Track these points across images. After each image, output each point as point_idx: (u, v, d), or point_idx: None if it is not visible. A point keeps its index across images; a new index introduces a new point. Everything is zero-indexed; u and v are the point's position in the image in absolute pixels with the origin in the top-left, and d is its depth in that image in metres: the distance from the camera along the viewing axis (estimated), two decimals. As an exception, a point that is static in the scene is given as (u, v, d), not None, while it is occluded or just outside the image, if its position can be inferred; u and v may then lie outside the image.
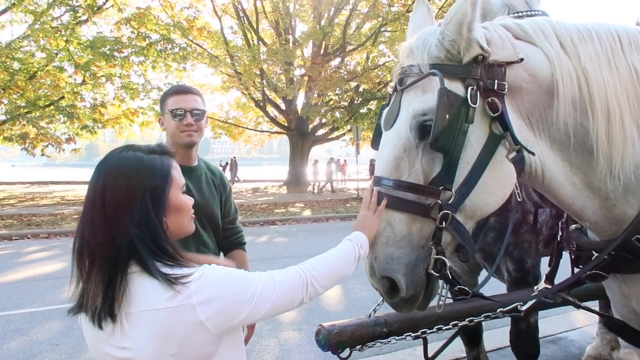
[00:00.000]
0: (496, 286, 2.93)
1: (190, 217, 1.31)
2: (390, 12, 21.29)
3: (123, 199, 1.17)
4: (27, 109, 18.38)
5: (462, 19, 1.36)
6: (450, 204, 1.37)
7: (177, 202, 1.26)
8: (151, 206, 1.19)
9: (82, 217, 1.22)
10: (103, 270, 1.15)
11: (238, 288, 1.19)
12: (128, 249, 1.15)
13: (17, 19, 20.52)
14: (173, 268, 1.17)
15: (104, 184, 1.19)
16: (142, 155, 1.24)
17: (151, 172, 1.22)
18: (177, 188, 1.26)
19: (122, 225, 1.15)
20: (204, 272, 1.17)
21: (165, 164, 1.26)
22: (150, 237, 1.18)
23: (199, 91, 2.32)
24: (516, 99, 1.46)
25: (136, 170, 1.21)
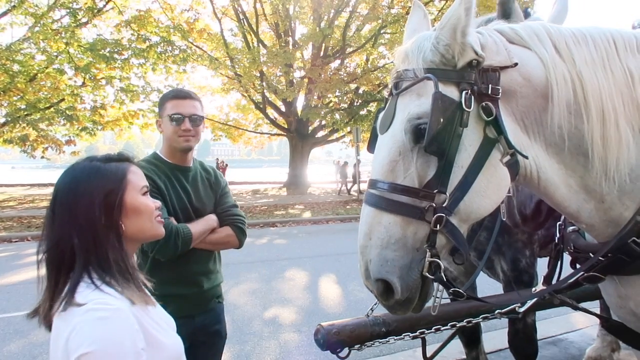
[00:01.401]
0: (498, 287, 2.95)
1: (153, 220, 1.31)
2: (390, 14, 21.35)
3: (71, 205, 1.21)
4: (27, 112, 18.40)
5: (456, 23, 1.38)
6: (444, 207, 1.38)
7: (134, 204, 1.27)
8: (103, 211, 1.20)
9: (42, 226, 1.28)
10: (51, 275, 1.19)
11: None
12: (69, 256, 1.18)
13: (18, 22, 20.54)
14: (100, 288, 1.15)
15: (56, 193, 1.25)
16: (98, 165, 1.28)
17: (104, 178, 1.25)
18: (134, 190, 1.28)
19: (67, 231, 1.19)
20: (82, 320, 1.09)
21: (120, 169, 1.29)
22: (94, 245, 1.19)
23: (198, 96, 2.35)
24: (511, 103, 1.48)
25: (87, 177, 1.24)
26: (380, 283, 1.42)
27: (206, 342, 2.27)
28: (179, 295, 2.16)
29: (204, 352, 2.28)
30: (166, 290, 2.13)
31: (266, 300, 6.19)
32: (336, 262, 8.24)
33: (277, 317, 5.52)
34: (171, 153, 2.27)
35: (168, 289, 2.14)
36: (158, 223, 1.33)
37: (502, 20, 1.72)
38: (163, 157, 2.27)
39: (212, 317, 2.30)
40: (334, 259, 8.55)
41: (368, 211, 1.46)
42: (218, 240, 2.26)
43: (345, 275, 7.30)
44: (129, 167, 1.31)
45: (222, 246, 2.32)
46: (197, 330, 2.22)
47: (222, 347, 2.38)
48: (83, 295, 1.13)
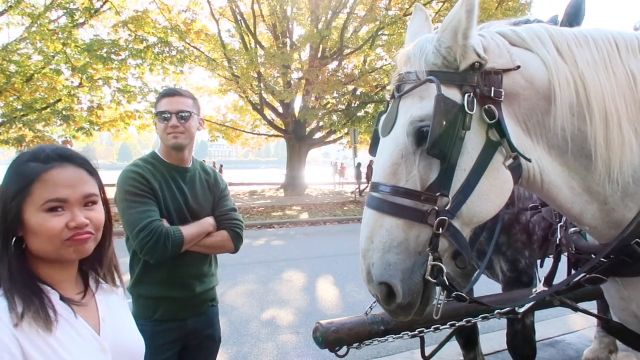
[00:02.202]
0: (493, 286, 2.96)
1: (57, 242, 1.09)
2: (388, 15, 21.37)
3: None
4: (24, 112, 18.34)
5: (457, 25, 1.38)
6: (447, 210, 1.38)
7: (30, 221, 1.08)
8: (1, 217, 1.09)
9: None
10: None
11: None
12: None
13: (14, 22, 20.47)
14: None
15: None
16: (17, 161, 1.14)
17: (11, 180, 1.10)
18: (34, 204, 1.08)
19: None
20: None
21: (30, 172, 1.09)
22: (2, 256, 1.08)
23: (190, 93, 2.31)
24: (513, 106, 1.48)
25: (7, 173, 1.12)
26: (382, 286, 1.41)
27: (199, 346, 2.26)
28: (170, 297, 2.14)
29: (197, 355, 2.26)
30: (157, 293, 2.13)
31: (263, 301, 6.18)
32: (334, 264, 8.25)
33: (274, 319, 5.52)
34: (167, 152, 2.24)
35: (159, 291, 2.13)
36: (67, 246, 1.10)
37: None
38: (160, 157, 2.25)
39: (204, 320, 2.27)
40: (332, 260, 8.55)
41: (370, 214, 1.45)
42: (213, 244, 2.22)
43: (342, 277, 7.30)
44: (42, 174, 1.09)
45: (217, 250, 2.28)
46: (189, 334, 2.20)
47: (215, 351, 2.35)
48: None
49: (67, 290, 1.16)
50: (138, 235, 1.99)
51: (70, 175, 1.12)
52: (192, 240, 2.11)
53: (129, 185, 2.09)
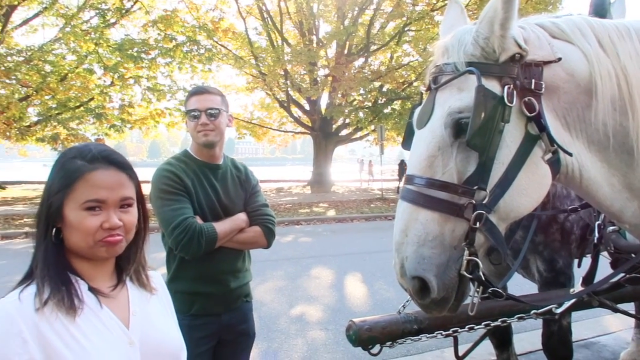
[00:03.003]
0: (526, 286, 2.90)
1: (91, 241, 1.12)
2: (415, 11, 21.15)
3: (45, 196, 1.16)
4: (58, 110, 18.92)
5: (493, 16, 1.36)
6: (484, 204, 1.35)
7: (70, 218, 1.12)
8: (45, 212, 1.14)
9: None
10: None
11: None
12: (36, 248, 1.16)
13: (49, 23, 21.14)
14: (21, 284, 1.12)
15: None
16: (63, 157, 1.18)
17: (56, 176, 1.15)
18: (75, 202, 1.12)
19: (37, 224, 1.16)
20: None
21: (76, 171, 1.13)
22: (38, 246, 1.15)
23: (218, 91, 2.33)
24: (553, 99, 1.44)
25: (54, 169, 1.17)
26: (416, 281, 1.39)
27: (233, 341, 2.28)
28: (205, 293, 2.16)
29: (231, 350, 2.29)
30: (193, 288, 2.17)
31: (292, 298, 6.21)
32: (361, 261, 8.22)
33: (303, 315, 5.54)
34: (198, 150, 2.27)
35: (195, 286, 2.16)
36: (99, 246, 1.13)
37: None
38: (192, 155, 2.28)
39: (239, 316, 2.29)
40: (359, 257, 8.53)
41: (405, 207, 1.43)
42: (246, 239, 2.24)
43: (371, 274, 7.28)
44: (86, 173, 1.13)
45: (250, 246, 2.30)
46: (223, 329, 2.22)
47: (250, 345, 2.37)
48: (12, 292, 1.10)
49: (100, 282, 1.19)
50: (173, 233, 2.03)
51: (112, 178, 1.16)
52: (225, 236, 2.14)
53: (163, 183, 2.12)
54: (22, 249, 9.67)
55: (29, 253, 1.14)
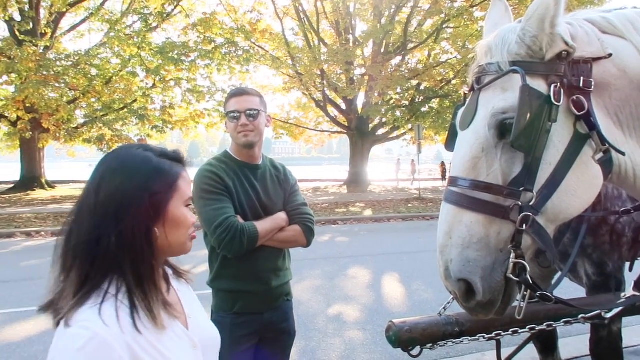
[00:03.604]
0: (571, 290, 2.80)
1: (189, 236, 1.16)
2: (453, 8, 20.78)
3: (117, 198, 1.05)
4: (103, 112, 19.66)
5: (544, 13, 1.32)
6: (531, 206, 1.32)
7: (177, 215, 1.12)
8: (145, 213, 1.07)
9: (74, 208, 1.10)
10: (82, 271, 1.04)
11: None
12: (108, 257, 1.03)
13: (95, 28, 21.98)
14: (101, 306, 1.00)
15: (102, 178, 1.08)
16: (150, 156, 1.13)
17: (155, 176, 1.10)
18: (180, 199, 1.13)
19: (109, 226, 1.03)
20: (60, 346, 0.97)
21: (174, 170, 1.14)
22: (130, 250, 1.05)
23: (257, 92, 2.36)
24: (603, 97, 1.40)
25: (138, 169, 1.09)
26: (461, 283, 1.37)
27: (274, 339, 2.31)
28: (247, 291, 2.20)
29: (272, 348, 2.32)
30: (235, 287, 2.21)
31: (330, 297, 6.23)
32: (399, 261, 8.16)
33: (341, 315, 5.55)
34: (238, 150, 2.30)
35: (237, 285, 2.20)
36: (190, 240, 1.18)
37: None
38: (232, 155, 2.31)
39: (280, 314, 2.32)
40: (397, 257, 8.46)
41: (448, 209, 1.41)
42: (286, 238, 2.27)
43: (408, 275, 7.21)
44: (181, 172, 1.16)
45: (290, 244, 2.33)
46: (265, 327, 2.25)
47: (290, 344, 2.40)
48: (80, 312, 0.99)
49: (162, 289, 1.18)
50: (215, 232, 2.07)
51: (190, 176, 1.21)
52: (266, 235, 2.17)
53: (204, 184, 2.17)
54: (70, 245, 10.10)
55: None
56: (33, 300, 6.01)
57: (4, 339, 4.83)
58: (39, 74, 16.64)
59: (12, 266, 8.07)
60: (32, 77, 16.37)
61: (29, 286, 6.68)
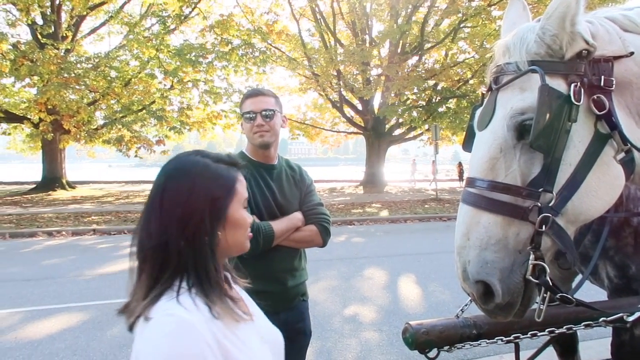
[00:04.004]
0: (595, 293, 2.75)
1: (247, 235, 1.23)
2: (470, 7, 20.59)
3: (182, 204, 1.10)
4: (123, 114, 19.96)
5: (565, 12, 1.30)
6: (550, 207, 1.31)
7: (236, 217, 1.17)
8: (208, 217, 1.11)
9: (141, 216, 1.15)
10: (152, 273, 1.09)
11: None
12: (177, 259, 1.08)
13: (114, 31, 22.34)
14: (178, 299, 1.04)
15: (166, 185, 1.13)
16: (209, 162, 1.18)
17: (215, 181, 1.15)
18: (238, 202, 1.18)
19: (176, 230, 1.08)
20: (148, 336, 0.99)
21: (231, 174, 1.19)
22: (197, 252, 1.10)
23: (272, 92, 2.36)
24: (625, 95, 1.37)
25: (200, 175, 1.14)
26: (479, 285, 1.36)
27: (290, 339, 2.30)
28: (263, 291, 2.19)
29: (288, 349, 2.31)
30: (252, 287, 2.21)
31: (346, 298, 6.22)
32: (415, 262, 8.11)
33: (357, 315, 5.54)
34: (254, 151, 2.31)
35: (253, 285, 2.20)
36: (247, 240, 1.24)
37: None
38: (248, 155, 2.32)
39: (296, 314, 2.32)
40: (413, 258, 8.41)
41: (466, 210, 1.40)
42: (302, 238, 2.27)
43: (425, 276, 7.16)
44: (237, 175, 1.21)
45: (306, 244, 2.32)
46: (281, 327, 2.24)
47: (306, 344, 2.40)
48: (158, 306, 1.03)
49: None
50: None
51: None
52: (282, 234, 2.17)
53: None
54: (90, 245, 10.27)
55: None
56: (54, 299, 6.14)
57: (26, 336, 4.93)
58: (60, 77, 16.95)
59: (34, 265, 8.23)
60: (54, 80, 16.70)
61: (50, 284, 6.81)
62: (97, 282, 7.01)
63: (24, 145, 24.76)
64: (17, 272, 7.60)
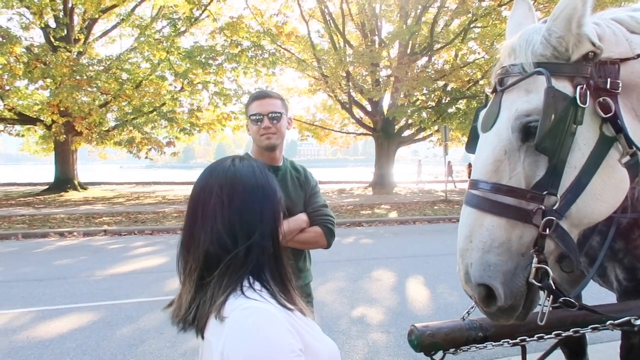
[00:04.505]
0: (605, 295, 2.73)
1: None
2: (480, 7, 20.47)
3: (262, 203, 1.14)
4: (134, 116, 20.14)
5: (571, 13, 1.29)
6: (554, 210, 1.30)
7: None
8: (271, 221, 1.15)
9: (203, 223, 1.12)
10: (229, 280, 1.07)
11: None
12: (255, 262, 1.10)
13: (125, 34, 22.54)
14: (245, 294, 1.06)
15: (233, 189, 1.13)
16: (255, 167, 1.21)
17: (270, 186, 1.19)
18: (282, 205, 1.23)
19: (243, 238, 1.10)
20: (231, 332, 1.00)
21: (273, 179, 1.24)
22: (271, 249, 1.14)
23: (279, 95, 2.39)
24: (631, 98, 1.37)
25: (266, 178, 1.19)
26: (482, 288, 1.36)
27: None
28: None
29: None
30: None
31: (353, 299, 6.21)
32: (424, 264, 8.08)
33: (364, 317, 5.53)
34: (259, 152, 2.33)
35: None
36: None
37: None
38: (253, 157, 2.33)
39: None
40: (422, 260, 8.38)
41: (469, 212, 1.40)
42: (307, 239, 2.28)
43: (433, 278, 7.13)
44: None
45: (310, 245, 2.33)
46: None
47: None
48: (229, 305, 1.03)
49: None
50: None
51: None
52: (287, 236, 2.18)
53: None
54: (101, 245, 10.37)
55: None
56: (65, 298, 6.21)
57: (37, 335, 4.99)
58: (73, 79, 17.14)
59: (46, 265, 8.33)
60: (66, 82, 16.88)
61: (62, 285, 6.89)
62: (108, 282, 7.08)
63: (37, 146, 25.05)
64: (29, 272, 7.69)
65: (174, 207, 16.79)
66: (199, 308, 1.07)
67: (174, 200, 20.00)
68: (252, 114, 2.30)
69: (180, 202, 18.97)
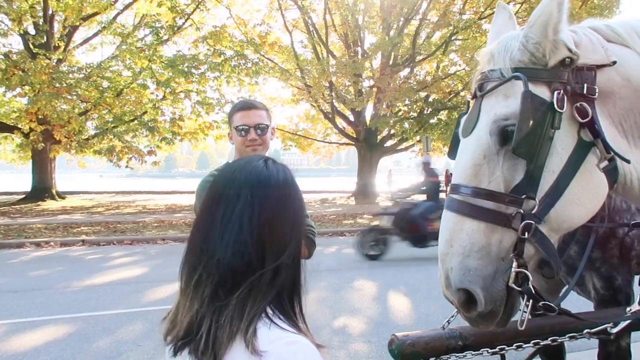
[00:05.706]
0: (583, 304, 2.75)
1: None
2: (462, 20, 20.84)
3: (288, 223, 0.99)
4: (114, 124, 19.89)
5: (547, 20, 1.31)
6: (533, 214, 1.30)
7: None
8: (299, 235, 1.02)
9: (224, 230, 0.95)
10: (253, 304, 0.92)
11: None
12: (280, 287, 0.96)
13: (107, 41, 22.34)
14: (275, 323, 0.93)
15: (266, 198, 0.98)
16: (282, 174, 1.05)
17: (298, 193, 1.05)
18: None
19: (284, 255, 0.96)
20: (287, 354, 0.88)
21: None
22: (295, 274, 1.00)
23: (264, 105, 2.37)
24: (607, 105, 1.38)
25: (295, 184, 1.05)
26: (462, 293, 1.34)
27: None
28: None
29: None
30: None
31: (335, 309, 6.17)
32: (405, 274, 8.09)
33: (346, 327, 5.49)
34: None
35: None
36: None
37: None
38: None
39: None
40: (403, 270, 8.39)
41: (449, 217, 1.39)
42: None
43: (415, 288, 7.14)
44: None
45: None
46: None
47: None
48: (265, 337, 0.89)
49: None
50: None
51: None
52: None
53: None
54: (79, 255, 10.15)
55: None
56: (41, 310, 6.04)
57: (11, 348, 4.83)
58: (52, 86, 16.88)
59: (21, 276, 8.11)
60: (45, 90, 16.62)
61: (37, 296, 6.70)
62: (85, 293, 6.91)
63: (14, 155, 24.56)
64: (3, 284, 7.48)
65: (155, 217, 16.57)
66: (211, 332, 0.90)
67: (155, 210, 19.75)
68: (237, 125, 2.27)
69: (162, 212, 18.73)
